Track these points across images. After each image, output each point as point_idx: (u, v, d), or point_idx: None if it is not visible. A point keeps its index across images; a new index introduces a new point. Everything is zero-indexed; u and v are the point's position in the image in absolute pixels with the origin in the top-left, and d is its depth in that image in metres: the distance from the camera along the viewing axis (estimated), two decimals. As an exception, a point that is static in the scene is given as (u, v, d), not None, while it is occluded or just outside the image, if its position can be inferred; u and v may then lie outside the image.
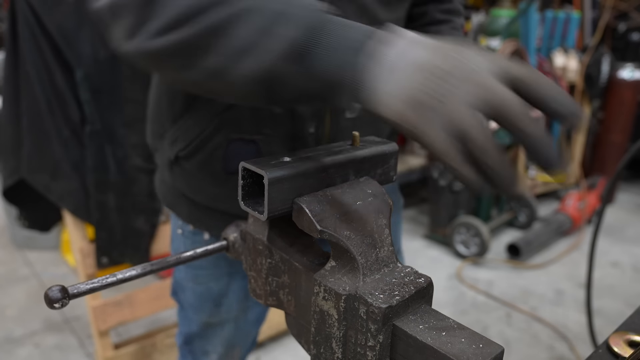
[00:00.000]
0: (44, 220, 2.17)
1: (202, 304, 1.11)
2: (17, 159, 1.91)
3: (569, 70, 3.76)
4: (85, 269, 1.92)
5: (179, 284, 1.14)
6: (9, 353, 2.26)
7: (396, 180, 0.77)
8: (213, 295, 1.09)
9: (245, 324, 1.17)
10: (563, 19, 3.74)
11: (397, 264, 0.64)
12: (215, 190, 0.95)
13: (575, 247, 3.39)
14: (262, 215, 0.61)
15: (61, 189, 1.90)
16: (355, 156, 0.68)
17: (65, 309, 2.52)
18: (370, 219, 0.64)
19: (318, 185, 0.65)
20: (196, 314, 1.13)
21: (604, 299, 2.79)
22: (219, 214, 0.98)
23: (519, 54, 3.12)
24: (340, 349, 0.60)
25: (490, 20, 3.05)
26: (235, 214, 0.92)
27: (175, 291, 1.17)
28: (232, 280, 1.09)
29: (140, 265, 0.70)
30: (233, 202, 0.89)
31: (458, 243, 3.22)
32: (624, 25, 4.24)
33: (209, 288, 1.09)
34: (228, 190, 0.93)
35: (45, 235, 3.00)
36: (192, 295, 1.11)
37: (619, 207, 4.12)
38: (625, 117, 4.00)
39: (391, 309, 0.55)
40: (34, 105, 1.84)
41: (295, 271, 0.70)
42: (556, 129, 4.00)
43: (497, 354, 0.52)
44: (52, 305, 0.59)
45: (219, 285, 1.08)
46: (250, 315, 1.16)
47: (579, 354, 2.34)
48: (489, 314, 2.66)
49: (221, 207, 0.97)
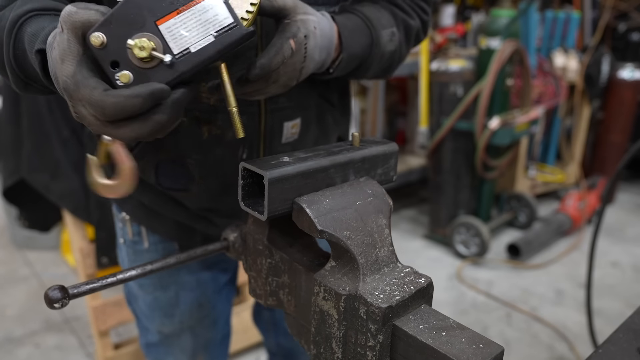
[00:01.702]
0: (44, 220, 2.17)
1: (152, 313, 1.08)
2: (17, 159, 1.91)
3: (569, 70, 3.76)
4: (85, 269, 1.92)
5: (132, 293, 1.12)
6: (9, 353, 2.26)
7: (396, 180, 0.77)
8: (162, 305, 1.06)
9: (206, 332, 1.13)
10: (563, 19, 3.74)
11: (397, 264, 0.64)
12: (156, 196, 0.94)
13: (575, 247, 3.39)
14: (262, 215, 0.61)
15: (61, 189, 1.90)
16: (355, 156, 0.68)
17: (65, 309, 2.52)
18: (370, 219, 0.64)
19: (318, 185, 0.65)
20: (150, 323, 1.11)
21: (604, 299, 2.79)
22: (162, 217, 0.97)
23: (519, 54, 3.12)
24: (340, 349, 0.60)
25: (490, 20, 3.05)
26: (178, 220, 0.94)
27: (129, 300, 1.14)
28: (181, 290, 1.05)
29: (140, 265, 0.70)
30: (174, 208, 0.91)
31: (458, 243, 3.22)
32: (624, 25, 4.24)
33: (157, 297, 1.06)
34: (167, 198, 0.93)
35: (45, 235, 2.99)
36: (143, 304, 1.09)
37: (619, 207, 4.12)
38: (625, 117, 4.00)
39: (391, 309, 0.55)
40: (34, 106, 1.84)
41: (295, 271, 0.70)
42: (556, 129, 4.01)
43: (497, 354, 0.52)
44: (52, 305, 0.59)
45: (166, 295, 1.05)
46: (207, 322, 1.12)
47: (579, 354, 2.34)
48: (489, 314, 2.66)
49: (162, 211, 0.96)
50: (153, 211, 0.97)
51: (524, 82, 3.32)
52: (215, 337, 1.16)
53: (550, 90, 3.64)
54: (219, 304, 1.13)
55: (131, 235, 1.04)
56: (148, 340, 1.14)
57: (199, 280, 1.06)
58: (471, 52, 3.26)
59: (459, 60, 3.05)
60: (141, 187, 0.93)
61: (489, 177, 3.22)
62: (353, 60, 0.82)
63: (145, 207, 0.97)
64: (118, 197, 0.73)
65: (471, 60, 3.09)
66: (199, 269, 1.06)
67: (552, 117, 3.94)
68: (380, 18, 0.86)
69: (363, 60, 0.85)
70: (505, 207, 3.66)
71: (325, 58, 0.76)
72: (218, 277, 1.10)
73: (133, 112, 0.54)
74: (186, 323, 1.09)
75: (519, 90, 3.36)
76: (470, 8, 4.14)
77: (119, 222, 1.06)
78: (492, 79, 2.93)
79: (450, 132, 3.10)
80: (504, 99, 3.10)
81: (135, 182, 0.64)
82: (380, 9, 0.88)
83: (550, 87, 3.64)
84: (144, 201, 0.96)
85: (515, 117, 3.11)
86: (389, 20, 0.88)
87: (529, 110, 3.29)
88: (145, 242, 1.03)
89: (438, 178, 3.28)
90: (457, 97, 3.06)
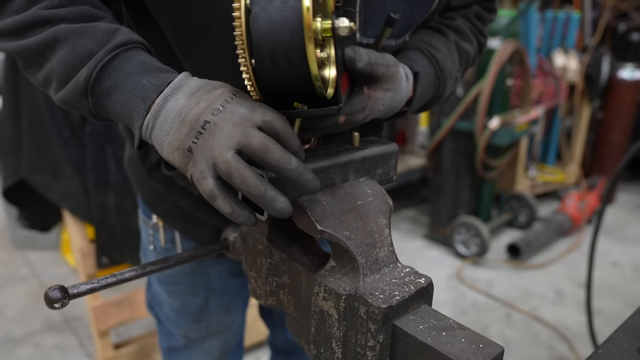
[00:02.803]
0: (44, 220, 2.17)
1: (180, 318, 1.08)
2: (17, 159, 1.91)
3: (569, 70, 3.76)
4: (85, 269, 1.92)
5: (156, 298, 1.11)
6: (9, 353, 2.26)
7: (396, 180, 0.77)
8: (191, 310, 1.06)
9: (230, 337, 1.15)
10: (563, 19, 3.74)
11: (397, 264, 0.64)
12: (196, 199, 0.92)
13: (575, 247, 3.39)
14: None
15: (61, 189, 1.90)
16: (355, 156, 0.68)
17: (65, 309, 2.52)
18: (370, 219, 0.64)
19: (318, 185, 0.65)
20: (176, 328, 1.10)
21: (604, 299, 2.79)
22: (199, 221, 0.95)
23: (519, 54, 3.12)
24: (340, 349, 0.60)
25: (490, 20, 3.05)
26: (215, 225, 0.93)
27: (152, 305, 1.14)
28: (210, 295, 1.06)
29: (140, 265, 0.70)
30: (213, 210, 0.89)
31: (458, 243, 3.22)
32: (624, 25, 4.24)
33: (186, 303, 1.06)
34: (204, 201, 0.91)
35: (45, 235, 3.00)
36: (169, 309, 1.09)
37: (619, 207, 4.12)
38: (625, 117, 4.00)
39: (391, 309, 0.55)
40: (34, 105, 1.84)
41: (295, 271, 0.70)
42: (556, 129, 4.01)
43: (497, 354, 0.52)
44: (52, 305, 0.59)
45: (196, 301, 1.06)
46: (234, 328, 1.14)
47: (579, 354, 2.33)
48: (489, 314, 2.66)
49: (201, 215, 0.94)
50: (190, 215, 0.95)
51: (524, 82, 3.32)
52: (235, 341, 1.18)
53: (550, 90, 3.64)
54: (243, 311, 1.15)
55: (163, 242, 1.00)
56: (171, 344, 1.13)
57: (228, 286, 1.07)
58: (471, 52, 3.26)
59: (459, 60, 3.05)
60: (181, 191, 0.91)
61: (489, 177, 3.22)
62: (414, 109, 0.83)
63: (182, 210, 0.95)
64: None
65: (471, 60, 3.09)
66: (229, 275, 1.06)
67: (552, 117, 3.94)
68: (449, 63, 0.85)
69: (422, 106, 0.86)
70: (505, 207, 3.66)
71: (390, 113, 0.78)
72: (245, 284, 1.11)
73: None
74: (213, 328, 1.09)
75: (519, 90, 3.36)
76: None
77: (149, 228, 1.02)
78: (492, 79, 2.93)
79: (450, 132, 3.10)
80: (504, 99, 3.10)
81: None
82: (449, 45, 0.87)
83: (550, 87, 3.64)
84: (181, 204, 0.94)
85: (515, 117, 3.11)
86: (456, 63, 0.88)
87: (529, 110, 3.29)
88: (179, 249, 1.00)
89: (438, 178, 3.28)
90: (457, 97, 3.06)
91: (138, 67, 0.62)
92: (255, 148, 0.55)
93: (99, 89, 0.62)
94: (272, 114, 0.57)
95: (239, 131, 0.55)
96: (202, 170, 0.56)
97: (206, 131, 0.56)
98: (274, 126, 0.57)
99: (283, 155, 0.55)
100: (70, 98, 0.64)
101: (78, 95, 0.63)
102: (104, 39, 0.63)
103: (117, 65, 0.62)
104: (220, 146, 0.55)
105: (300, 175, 0.56)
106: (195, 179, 0.58)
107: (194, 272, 1.02)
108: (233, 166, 0.55)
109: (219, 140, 0.55)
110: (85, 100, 0.64)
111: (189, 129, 0.57)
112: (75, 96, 0.63)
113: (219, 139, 0.55)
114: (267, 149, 0.55)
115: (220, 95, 0.58)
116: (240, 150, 0.55)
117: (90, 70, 0.61)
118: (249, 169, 0.55)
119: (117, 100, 0.62)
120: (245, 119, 0.56)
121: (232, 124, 0.56)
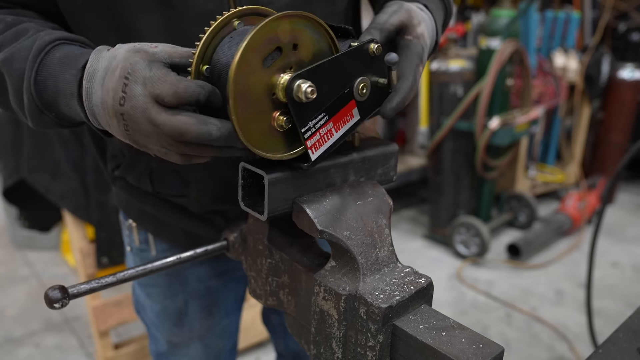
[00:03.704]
0: (44, 220, 2.17)
1: (162, 322, 1.07)
2: (17, 159, 1.91)
3: (569, 70, 3.76)
4: (85, 269, 1.92)
5: (139, 302, 1.11)
6: (9, 353, 2.26)
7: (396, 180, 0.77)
8: (171, 314, 1.05)
9: (215, 340, 1.12)
10: (563, 19, 3.74)
11: (397, 264, 0.64)
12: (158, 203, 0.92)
13: (575, 247, 3.39)
14: (262, 215, 0.61)
15: (61, 189, 1.90)
16: (355, 156, 0.68)
17: (65, 309, 2.52)
18: (370, 219, 0.64)
19: (318, 186, 0.65)
20: (159, 332, 1.09)
21: (604, 299, 2.79)
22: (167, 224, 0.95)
23: (519, 54, 3.12)
24: (340, 349, 0.60)
25: (490, 20, 3.05)
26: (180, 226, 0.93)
27: (138, 310, 1.13)
28: (190, 299, 1.04)
29: (140, 266, 0.70)
30: (177, 214, 0.90)
31: (458, 243, 3.22)
32: (624, 25, 4.24)
33: (165, 307, 1.04)
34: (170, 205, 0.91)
35: (45, 235, 3.00)
36: (151, 313, 1.07)
37: (619, 207, 4.12)
38: (625, 117, 4.00)
39: (391, 309, 0.55)
40: (34, 105, 1.84)
41: (295, 271, 0.70)
42: (556, 129, 4.01)
43: (497, 354, 0.52)
44: (52, 305, 0.59)
45: (175, 304, 1.04)
46: (218, 330, 1.11)
47: (579, 354, 2.33)
48: (489, 314, 2.66)
49: (167, 219, 0.94)
50: (157, 218, 0.95)
51: (524, 82, 3.32)
52: (226, 346, 1.15)
53: (550, 90, 3.64)
54: (230, 313, 1.11)
55: (138, 243, 1.02)
56: (158, 349, 1.13)
57: (208, 289, 1.05)
58: (471, 52, 3.26)
59: (459, 60, 3.05)
60: (142, 195, 0.92)
61: (489, 177, 3.22)
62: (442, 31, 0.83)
63: (150, 215, 0.95)
64: None
65: (471, 60, 3.09)
66: (208, 277, 1.04)
67: (552, 117, 3.94)
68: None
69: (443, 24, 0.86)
70: (505, 207, 3.66)
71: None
72: (228, 285, 1.08)
73: (191, 101, 0.55)
74: (196, 332, 1.07)
75: (519, 90, 3.36)
76: (470, 8, 4.14)
77: (126, 229, 1.04)
78: (492, 79, 2.93)
79: (450, 132, 3.10)
80: (504, 99, 3.10)
81: None
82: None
83: (550, 87, 3.64)
84: (147, 209, 0.94)
85: (515, 117, 3.11)
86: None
87: (529, 110, 3.29)
88: (153, 250, 1.01)
89: (438, 178, 3.28)
90: (457, 97, 3.06)
91: (58, 66, 0.63)
92: (171, 135, 0.55)
93: (45, 101, 0.64)
94: (159, 85, 0.55)
95: (149, 123, 0.55)
96: (158, 150, 0.58)
97: (128, 122, 0.56)
98: (167, 101, 0.55)
99: (200, 131, 0.54)
100: (37, 120, 0.66)
101: (37, 114, 0.65)
102: (28, 54, 0.64)
103: (45, 72, 0.63)
104: (152, 134, 0.56)
105: (228, 137, 0.55)
106: (160, 156, 0.59)
107: (170, 275, 1.01)
108: (180, 147, 0.56)
109: (145, 129, 0.56)
110: (46, 117, 0.66)
111: (117, 122, 0.58)
112: (36, 115, 0.66)
113: (145, 128, 0.56)
114: (180, 133, 0.54)
115: (119, 79, 0.56)
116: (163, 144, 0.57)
117: (28, 89, 0.63)
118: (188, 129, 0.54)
119: (62, 104, 0.64)
120: (145, 101, 0.55)
121: (141, 112, 0.55)
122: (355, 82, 0.61)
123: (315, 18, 0.59)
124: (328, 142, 0.61)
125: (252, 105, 0.56)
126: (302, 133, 0.57)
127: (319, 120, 0.59)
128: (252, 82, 0.55)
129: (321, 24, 0.60)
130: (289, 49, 0.58)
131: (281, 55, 0.57)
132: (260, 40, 0.54)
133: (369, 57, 0.62)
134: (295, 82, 0.54)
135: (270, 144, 0.59)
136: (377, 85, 0.64)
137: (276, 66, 0.57)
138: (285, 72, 0.58)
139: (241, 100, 0.54)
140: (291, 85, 0.54)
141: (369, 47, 0.61)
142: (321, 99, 0.58)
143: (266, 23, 0.54)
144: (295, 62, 0.59)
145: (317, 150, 0.60)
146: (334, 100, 0.60)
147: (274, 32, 0.56)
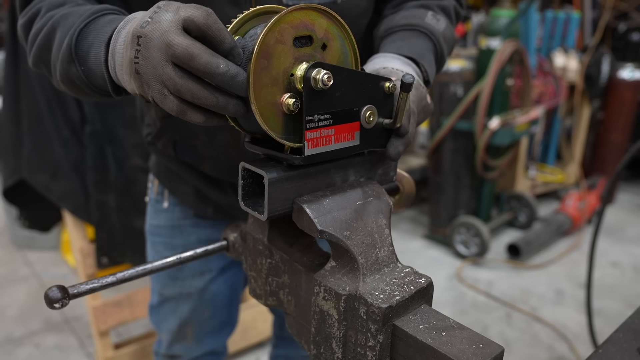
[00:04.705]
0: (44, 220, 2.17)
1: (158, 274, 1.14)
2: (17, 159, 1.91)
3: (569, 70, 3.76)
4: (85, 269, 1.92)
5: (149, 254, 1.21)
6: (9, 353, 2.26)
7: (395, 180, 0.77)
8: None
9: (204, 307, 1.18)
10: (563, 19, 3.74)
11: (397, 264, 0.64)
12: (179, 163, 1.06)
13: (575, 247, 3.39)
14: (262, 215, 0.61)
15: (61, 189, 1.90)
16: (356, 157, 0.68)
17: (65, 309, 2.52)
18: (370, 219, 0.64)
19: (318, 185, 0.65)
20: (154, 283, 1.20)
21: (604, 299, 2.79)
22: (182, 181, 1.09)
23: (519, 54, 3.12)
24: (340, 349, 0.60)
25: (491, 20, 3.05)
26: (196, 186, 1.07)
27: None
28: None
29: (140, 266, 0.70)
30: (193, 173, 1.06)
31: (458, 243, 3.22)
32: (624, 25, 4.24)
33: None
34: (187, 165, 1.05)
35: (45, 235, 3.00)
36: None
37: (619, 207, 4.12)
38: (625, 117, 4.00)
39: (391, 309, 0.55)
40: (34, 105, 1.84)
41: (295, 271, 0.70)
42: (556, 129, 4.01)
43: (497, 354, 0.52)
44: (52, 305, 0.59)
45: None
46: (207, 297, 1.18)
47: (579, 354, 2.33)
48: (489, 314, 2.66)
49: (184, 175, 1.07)
50: (176, 175, 1.09)
51: (524, 82, 3.32)
52: (213, 321, 1.21)
53: (550, 90, 3.64)
54: (220, 282, 1.18)
55: (155, 194, 1.16)
56: (152, 303, 1.23)
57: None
58: (471, 52, 3.26)
59: (459, 60, 3.05)
60: (167, 157, 1.07)
61: (489, 177, 3.22)
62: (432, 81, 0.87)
63: (170, 171, 1.10)
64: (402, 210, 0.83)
65: (471, 60, 3.09)
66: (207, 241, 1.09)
67: (552, 117, 3.94)
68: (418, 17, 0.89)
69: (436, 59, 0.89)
70: (505, 207, 3.66)
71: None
72: (223, 255, 1.15)
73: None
74: (186, 289, 1.16)
75: (519, 90, 3.36)
76: (470, 8, 4.14)
77: (150, 182, 1.20)
78: (492, 79, 2.93)
79: (450, 132, 3.10)
80: (504, 99, 3.10)
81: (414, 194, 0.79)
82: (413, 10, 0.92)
83: (550, 87, 3.64)
84: (170, 166, 1.08)
85: (515, 117, 3.11)
86: (424, 12, 0.91)
87: (529, 110, 3.29)
88: (165, 202, 1.14)
89: (438, 178, 3.28)
90: (457, 97, 3.06)
91: (104, 24, 0.67)
92: (180, 56, 0.53)
93: (80, 51, 0.68)
94: (192, 10, 0.55)
95: (164, 42, 0.54)
96: (157, 89, 0.57)
97: (142, 47, 0.55)
98: (196, 23, 0.54)
99: (209, 60, 0.53)
100: (63, 70, 0.70)
101: (67, 63, 0.69)
102: (84, 14, 0.70)
103: (91, 27, 0.68)
104: (158, 62, 0.54)
105: (232, 78, 0.54)
106: (157, 101, 0.58)
107: (174, 228, 1.14)
108: (178, 83, 0.54)
109: (154, 54, 0.54)
110: (74, 68, 0.68)
111: (130, 49, 0.57)
112: (65, 65, 0.69)
113: (154, 54, 0.54)
114: (191, 56, 0.53)
115: (151, 11, 0.57)
116: (174, 61, 0.54)
117: (70, 37, 0.68)
118: (194, 82, 0.55)
119: (92, 56, 0.66)
120: (170, 24, 0.54)
121: (160, 33, 0.54)
122: (364, 107, 0.63)
123: (349, 32, 0.63)
124: (324, 146, 0.61)
125: (269, 72, 0.57)
126: (306, 122, 0.58)
127: (324, 119, 0.60)
128: (278, 51, 0.57)
129: (352, 40, 0.64)
130: (318, 45, 0.60)
131: (310, 46, 0.59)
132: (299, 18, 0.57)
133: (383, 93, 0.64)
134: (316, 67, 0.56)
135: (271, 119, 0.59)
136: (382, 124, 0.66)
137: (302, 52, 0.59)
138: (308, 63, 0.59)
139: (262, 60, 0.56)
140: (311, 69, 0.56)
141: (384, 83, 0.64)
142: (331, 99, 0.59)
143: (310, 6, 0.57)
144: (319, 60, 0.60)
145: (312, 147, 0.60)
146: (342, 110, 0.61)
147: (313, 21, 0.59)
